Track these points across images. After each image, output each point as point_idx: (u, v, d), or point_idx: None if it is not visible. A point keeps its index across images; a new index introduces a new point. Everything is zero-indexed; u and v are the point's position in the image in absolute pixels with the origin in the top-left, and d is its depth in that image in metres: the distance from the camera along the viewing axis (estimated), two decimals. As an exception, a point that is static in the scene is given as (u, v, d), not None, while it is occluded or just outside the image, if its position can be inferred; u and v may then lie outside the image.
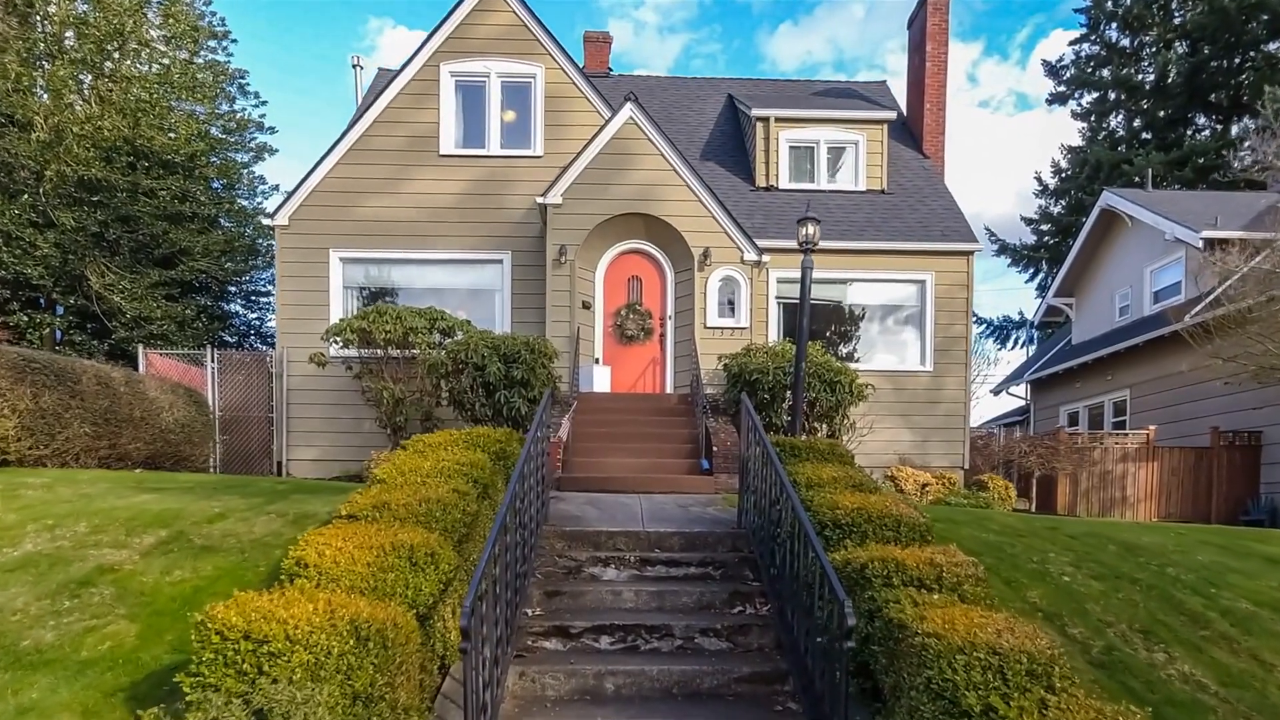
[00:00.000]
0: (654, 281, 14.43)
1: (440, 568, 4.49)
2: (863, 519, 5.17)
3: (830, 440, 7.37)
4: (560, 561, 6.76)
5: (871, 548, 4.83)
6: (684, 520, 7.96)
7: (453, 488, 5.43)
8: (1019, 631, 3.58)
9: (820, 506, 5.42)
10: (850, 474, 6.43)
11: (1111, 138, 30.68)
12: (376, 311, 12.64)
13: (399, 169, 14.67)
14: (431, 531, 4.86)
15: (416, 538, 4.52)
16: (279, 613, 3.44)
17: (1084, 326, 23.30)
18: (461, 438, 6.91)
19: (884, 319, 15.86)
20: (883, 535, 5.09)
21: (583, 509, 8.61)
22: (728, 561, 6.81)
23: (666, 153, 13.86)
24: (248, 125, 23.32)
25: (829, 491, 5.79)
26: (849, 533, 5.17)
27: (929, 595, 4.10)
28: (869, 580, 4.42)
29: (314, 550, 4.28)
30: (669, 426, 12.52)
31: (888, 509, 5.22)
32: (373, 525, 4.74)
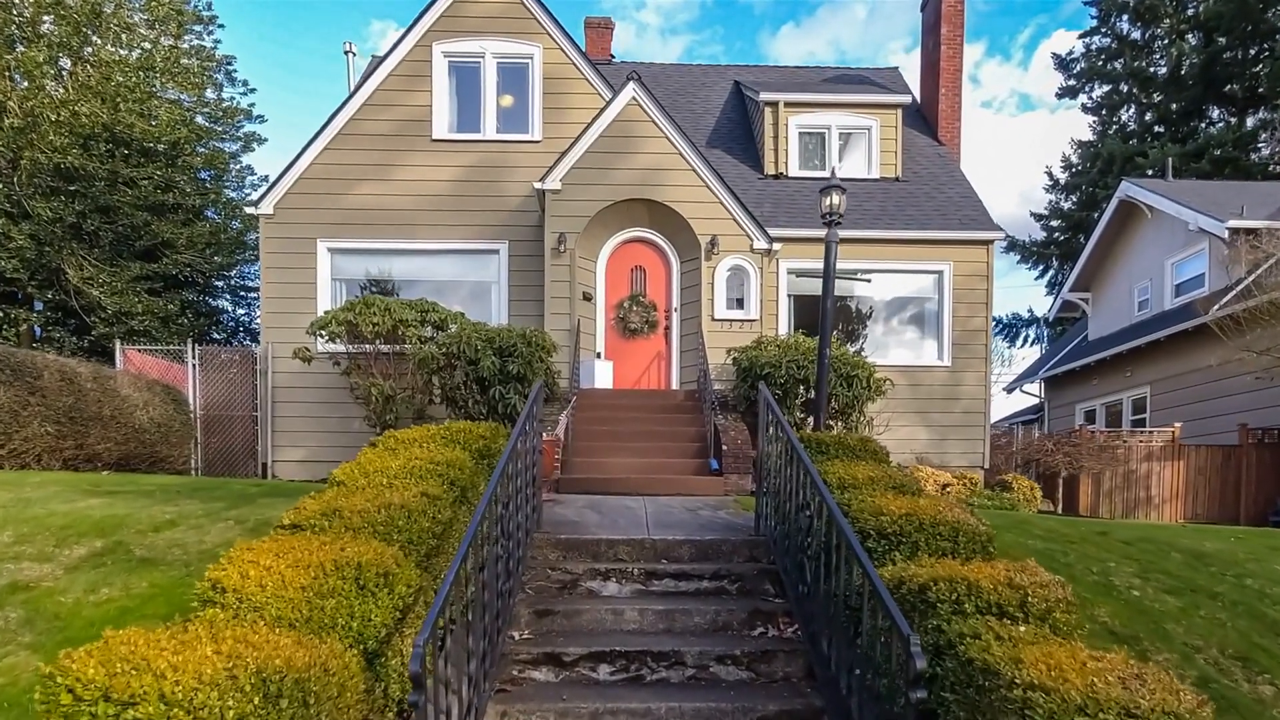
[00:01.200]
0: (658, 272, 13.49)
1: (397, 590, 3.55)
2: (913, 527, 4.22)
3: (862, 436, 6.44)
4: (554, 575, 5.82)
5: (926, 562, 3.89)
6: (693, 526, 7.02)
7: (422, 491, 4.50)
8: (1152, 681, 2.64)
9: (860, 512, 4.47)
10: (888, 473, 5.49)
11: (1123, 131, 29.69)
12: (363, 303, 11.72)
13: (390, 154, 13.75)
14: (391, 544, 3.94)
15: (368, 553, 3.58)
16: (159, 661, 2.51)
17: (1101, 322, 22.31)
18: (439, 433, 5.98)
19: (900, 312, 14.90)
20: (937, 547, 4.15)
21: (581, 513, 7.68)
22: (745, 574, 5.86)
23: (671, 135, 12.93)
24: (236, 114, 22.24)
25: (867, 494, 4.85)
26: (896, 543, 4.23)
27: (1013, 627, 3.16)
28: (932, 605, 3.47)
29: (237, 570, 3.34)
30: (675, 424, 11.60)
31: (941, 515, 4.28)
32: (318, 537, 3.80)
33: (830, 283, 7.02)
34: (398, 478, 4.83)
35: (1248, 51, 26.24)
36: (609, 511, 7.84)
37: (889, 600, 3.22)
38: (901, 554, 4.13)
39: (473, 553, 3.87)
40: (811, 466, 4.57)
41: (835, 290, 14.92)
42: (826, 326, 7.02)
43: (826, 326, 7.02)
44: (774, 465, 5.99)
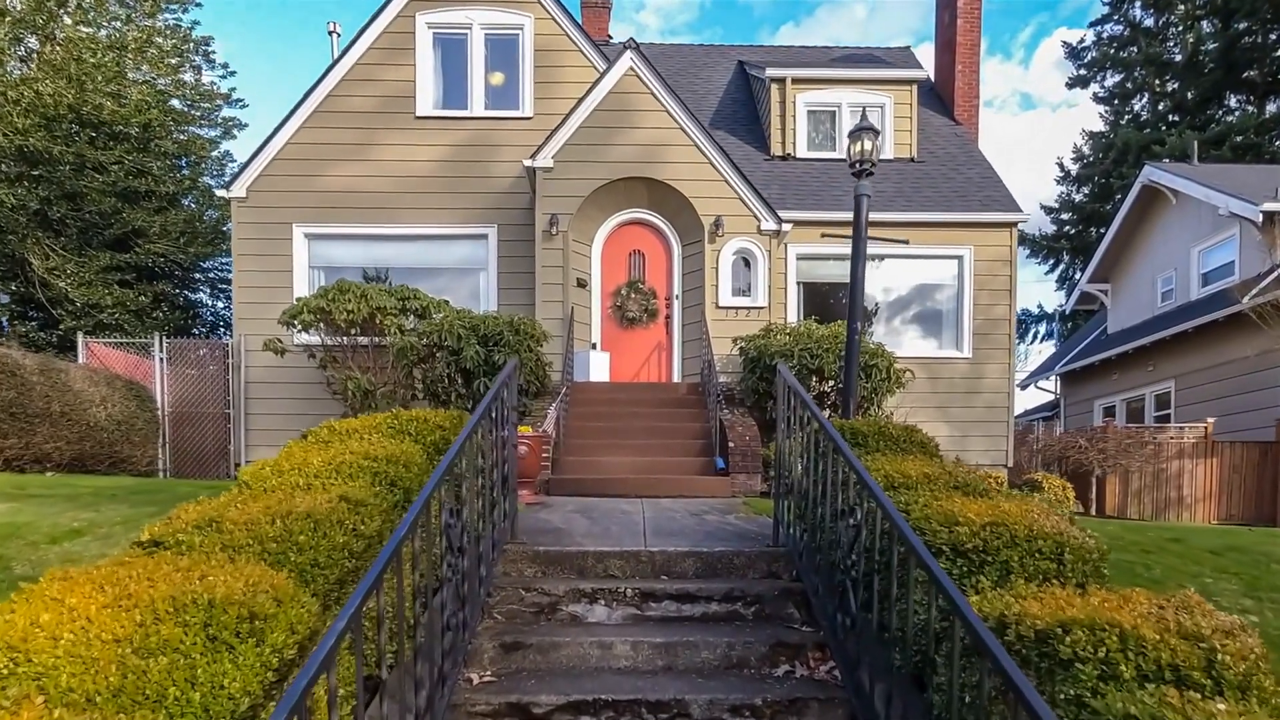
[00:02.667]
0: (659, 256, 12.34)
1: (271, 640, 2.40)
2: (1001, 541, 3.05)
3: (905, 425, 5.30)
4: (528, 596, 4.67)
5: (1026, 590, 2.74)
6: (699, 534, 5.87)
7: (341, 494, 3.36)
8: None
9: (925, 520, 3.31)
10: (946, 469, 4.34)
11: (1137, 121, 28.49)
12: (338, 289, 10.58)
13: (370, 133, 12.62)
14: (283, 569, 2.80)
15: (235, 584, 2.45)
16: None
17: (1121, 314, 21.09)
18: (386, 422, 4.84)
19: (917, 300, 13.73)
20: (1036, 568, 2.98)
21: (569, 519, 6.53)
22: (763, 595, 4.71)
23: (672, 108, 11.79)
24: (214, 97, 20.90)
25: (925, 495, 3.70)
26: (979, 564, 3.06)
27: (1208, 704, 2.02)
28: (1063, 664, 2.28)
29: (24, 617, 2.21)
30: (677, 420, 10.47)
31: (1038, 524, 3.10)
32: (177, 560, 2.67)
33: (861, 244, 5.87)
34: (319, 476, 3.70)
35: (1267, 36, 25.03)
36: (601, 516, 6.69)
37: (1004, 659, 2.08)
38: (988, 578, 2.97)
39: (392, 580, 2.74)
40: (857, 463, 3.42)
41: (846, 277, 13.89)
42: (857, 296, 5.86)
43: (857, 296, 5.86)
44: (798, 461, 4.84)
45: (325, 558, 2.98)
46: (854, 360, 5.87)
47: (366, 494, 3.46)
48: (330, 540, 3.03)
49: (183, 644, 2.21)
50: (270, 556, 2.85)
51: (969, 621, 2.31)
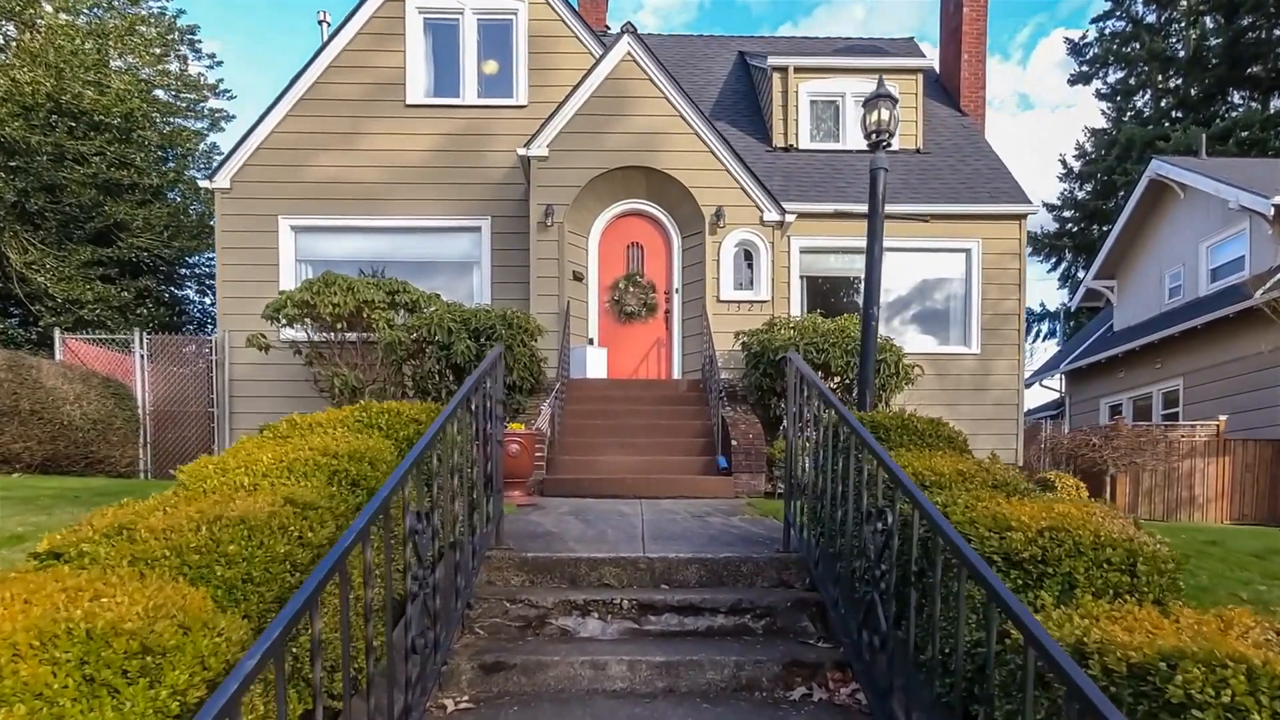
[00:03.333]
0: (658, 248, 11.84)
1: (171, 679, 1.88)
2: (1064, 550, 2.53)
3: (930, 418, 4.80)
4: (513, 609, 4.17)
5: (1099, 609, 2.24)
6: (702, 539, 5.36)
7: (287, 496, 2.86)
8: None
9: (970, 523, 2.79)
10: (982, 466, 3.83)
11: (1140, 117, 28.01)
12: (323, 282, 10.08)
13: (359, 122, 12.12)
14: (204, 586, 2.30)
15: (133, 608, 1.95)
16: None
17: (1128, 311, 20.59)
18: (354, 415, 4.33)
19: (923, 294, 13.23)
20: (1106, 581, 2.47)
21: (562, 522, 6.02)
22: (775, 606, 4.21)
23: (671, 95, 11.30)
24: (200, 88, 20.28)
25: (962, 495, 3.19)
26: (1037, 576, 2.55)
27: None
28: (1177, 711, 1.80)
29: None
30: (677, 417, 9.98)
31: (1104, 529, 2.59)
32: (69, 578, 2.16)
33: (877, 222, 5.37)
34: (268, 475, 3.20)
35: (1272, 32, 24.56)
36: (596, 519, 6.19)
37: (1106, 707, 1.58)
38: (1049, 593, 2.47)
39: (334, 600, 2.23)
40: (888, 459, 2.91)
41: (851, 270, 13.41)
42: (874, 277, 5.36)
43: (874, 277, 5.36)
44: (815, 459, 4.34)
45: (261, 571, 2.47)
46: (871, 348, 5.38)
47: (318, 495, 2.95)
48: (268, 550, 2.53)
49: (49, 689, 1.71)
50: (191, 571, 2.35)
51: (1051, 655, 1.81)
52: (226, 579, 2.40)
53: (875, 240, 5.35)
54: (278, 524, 2.63)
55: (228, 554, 2.44)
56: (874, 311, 5.30)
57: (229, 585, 2.39)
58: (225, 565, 2.41)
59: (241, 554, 2.46)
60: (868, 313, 5.32)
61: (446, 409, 3.59)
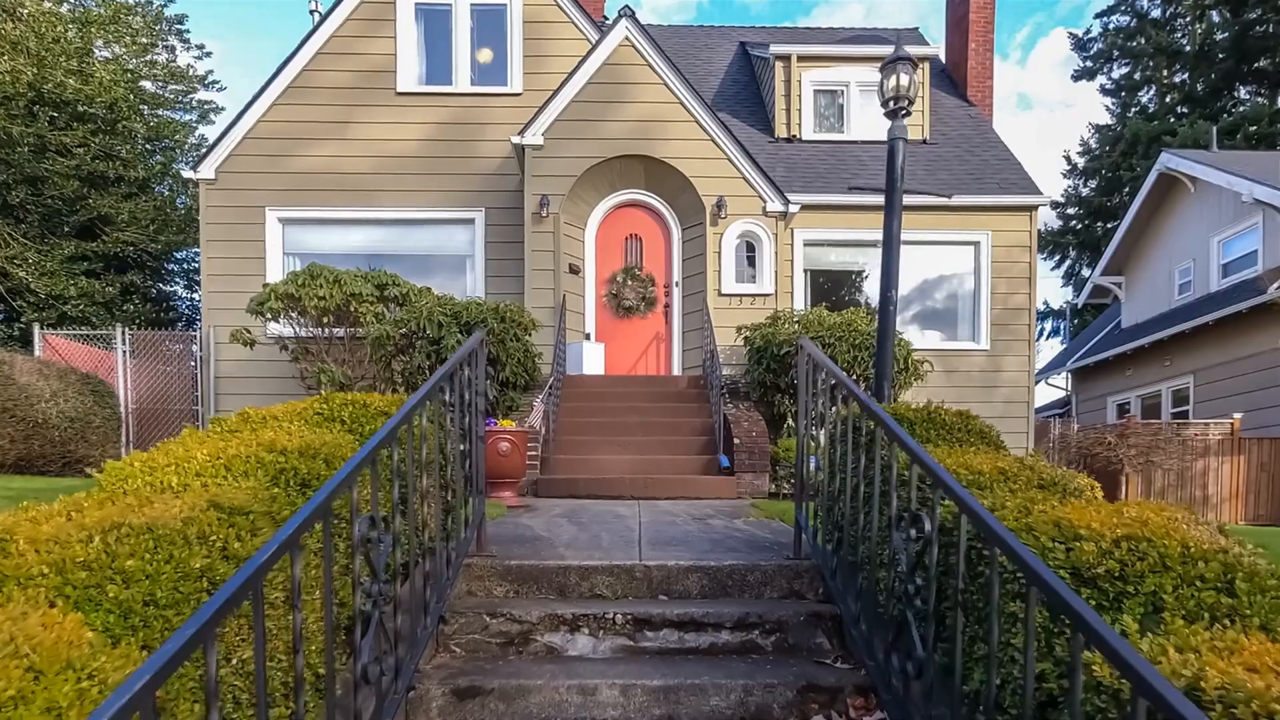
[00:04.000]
0: (657, 240, 11.37)
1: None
2: (1147, 564, 2.01)
3: (958, 410, 4.33)
4: (494, 623, 3.70)
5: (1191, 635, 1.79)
6: (704, 543, 4.89)
7: (212, 499, 2.39)
8: None
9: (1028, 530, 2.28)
10: (1025, 464, 3.35)
11: (1145, 113, 27.54)
12: (309, 274, 9.64)
13: (349, 110, 11.66)
14: (92, 611, 1.85)
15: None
16: None
17: (1136, 307, 20.10)
18: (314, 406, 3.87)
19: (931, 289, 12.77)
20: (1198, 601, 1.96)
21: (553, 525, 5.56)
22: (786, 620, 3.74)
23: (671, 81, 10.84)
24: (188, 78, 19.70)
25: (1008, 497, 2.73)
26: (1115, 596, 2.04)
27: None
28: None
29: None
30: (677, 415, 9.52)
31: (1191, 539, 2.13)
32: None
33: (896, 197, 4.91)
34: (201, 474, 2.74)
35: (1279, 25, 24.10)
36: (591, 521, 5.72)
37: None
38: (1130, 616, 2.01)
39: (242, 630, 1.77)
40: (926, 456, 2.46)
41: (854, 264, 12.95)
42: (892, 257, 4.89)
43: (892, 257, 4.89)
44: (832, 455, 3.88)
45: (169, 591, 2.01)
46: (889, 335, 4.92)
47: (252, 498, 2.49)
48: (179, 565, 2.07)
49: None
50: (77, 591, 1.89)
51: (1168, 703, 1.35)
52: (122, 601, 1.93)
53: (893, 216, 4.89)
54: (195, 533, 2.17)
55: (125, 570, 1.97)
56: (892, 295, 4.84)
57: (125, 609, 1.93)
58: (121, 584, 1.95)
59: (144, 570, 2.00)
60: (885, 296, 4.86)
61: (413, 397, 3.13)
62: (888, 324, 4.85)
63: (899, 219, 4.93)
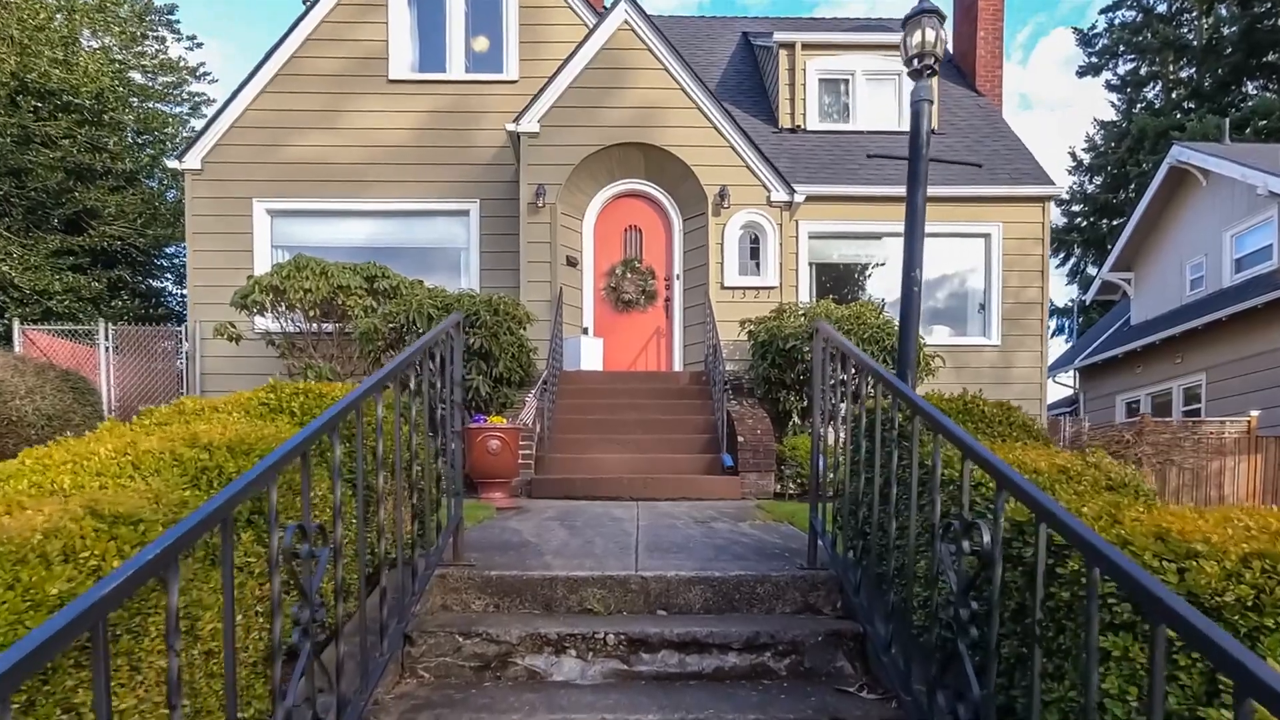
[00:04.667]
0: (657, 232, 10.88)
1: None
2: None
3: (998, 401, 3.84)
4: (469, 644, 3.21)
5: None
6: (707, 550, 4.39)
7: (88, 504, 1.90)
8: None
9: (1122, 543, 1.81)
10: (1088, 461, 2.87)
11: (1151, 108, 27.00)
12: (294, 265, 9.16)
13: (339, 98, 11.18)
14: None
15: None
16: None
17: (1146, 304, 19.57)
18: (259, 397, 3.40)
19: (940, 282, 12.26)
20: None
21: (544, 530, 5.07)
22: (801, 640, 3.24)
23: (672, 66, 10.35)
24: (178, 69, 19.12)
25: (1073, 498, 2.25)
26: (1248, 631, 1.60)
27: None
28: None
29: None
30: (678, 412, 9.04)
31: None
32: None
33: (920, 165, 4.40)
34: (104, 474, 2.25)
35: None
36: (585, 525, 5.23)
37: None
38: (1274, 658, 1.53)
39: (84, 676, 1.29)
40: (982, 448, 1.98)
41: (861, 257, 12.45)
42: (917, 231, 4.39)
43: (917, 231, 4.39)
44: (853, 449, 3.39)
45: (7, 627, 1.53)
46: (913, 320, 4.42)
47: (147, 504, 1.99)
48: (31, 591, 1.58)
49: None
50: None
51: None
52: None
53: (918, 187, 4.39)
54: (59, 548, 1.69)
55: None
56: (916, 275, 4.34)
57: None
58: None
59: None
60: (909, 277, 4.36)
61: (367, 381, 2.65)
62: (911, 308, 4.35)
63: (924, 191, 4.43)
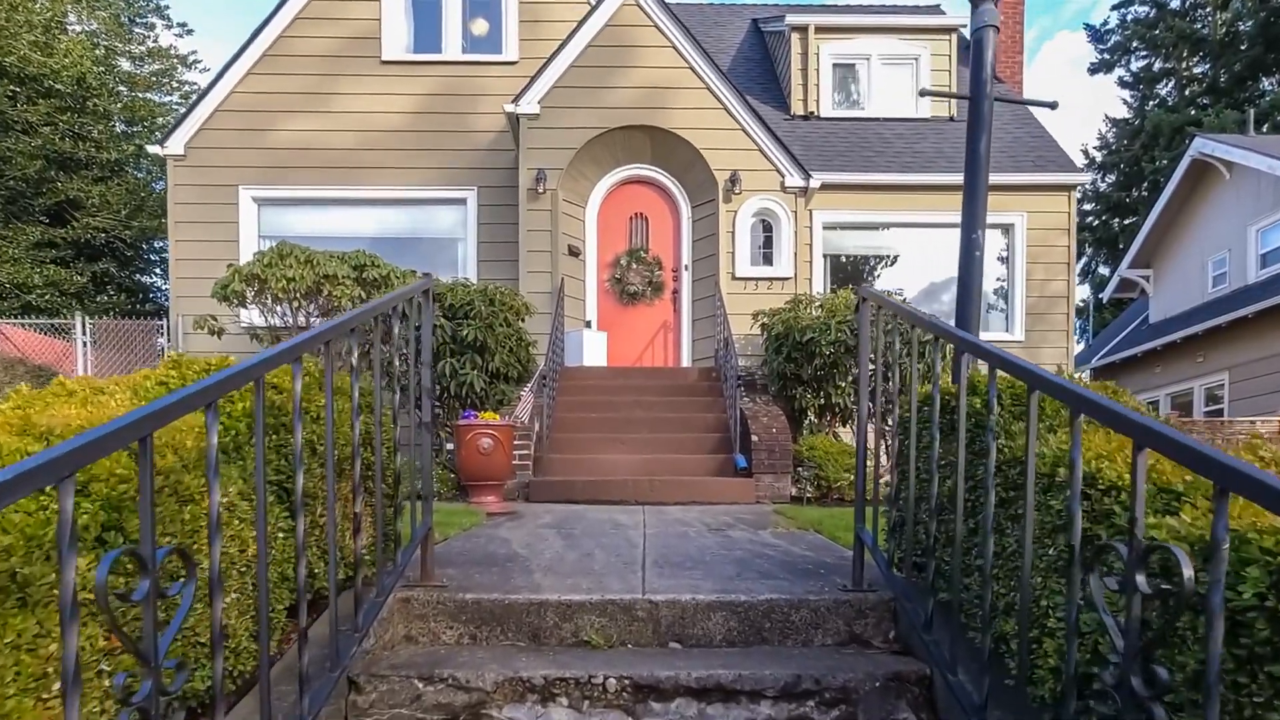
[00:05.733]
0: (664, 220, 10.19)
1: None
2: None
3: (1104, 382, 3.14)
4: (430, 692, 2.50)
5: None
6: (726, 565, 3.67)
7: None
8: None
9: None
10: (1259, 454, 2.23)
11: (1164, 105, 26.24)
12: (277, 253, 8.46)
13: (329, 80, 10.51)
14: None
15: None
16: None
17: (1165, 301, 18.80)
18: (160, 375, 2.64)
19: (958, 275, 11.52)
20: None
21: (537, 540, 4.36)
22: (854, 687, 2.53)
23: (681, 44, 9.67)
24: (168, 57, 18.44)
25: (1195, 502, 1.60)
26: None
27: None
28: None
29: None
30: (687, 410, 8.35)
31: None
32: None
33: (985, 105, 3.66)
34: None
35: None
36: (584, 533, 4.53)
37: None
38: None
39: None
40: (1179, 435, 1.30)
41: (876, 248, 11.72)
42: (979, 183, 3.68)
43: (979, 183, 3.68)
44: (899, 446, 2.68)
45: None
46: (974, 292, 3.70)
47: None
48: None
49: None
50: None
51: None
52: None
53: (981, 131, 3.67)
54: None
55: None
56: (978, 237, 3.62)
57: None
58: None
59: None
60: (969, 240, 3.65)
61: (285, 344, 1.96)
62: (972, 276, 3.64)
63: (988, 135, 3.73)
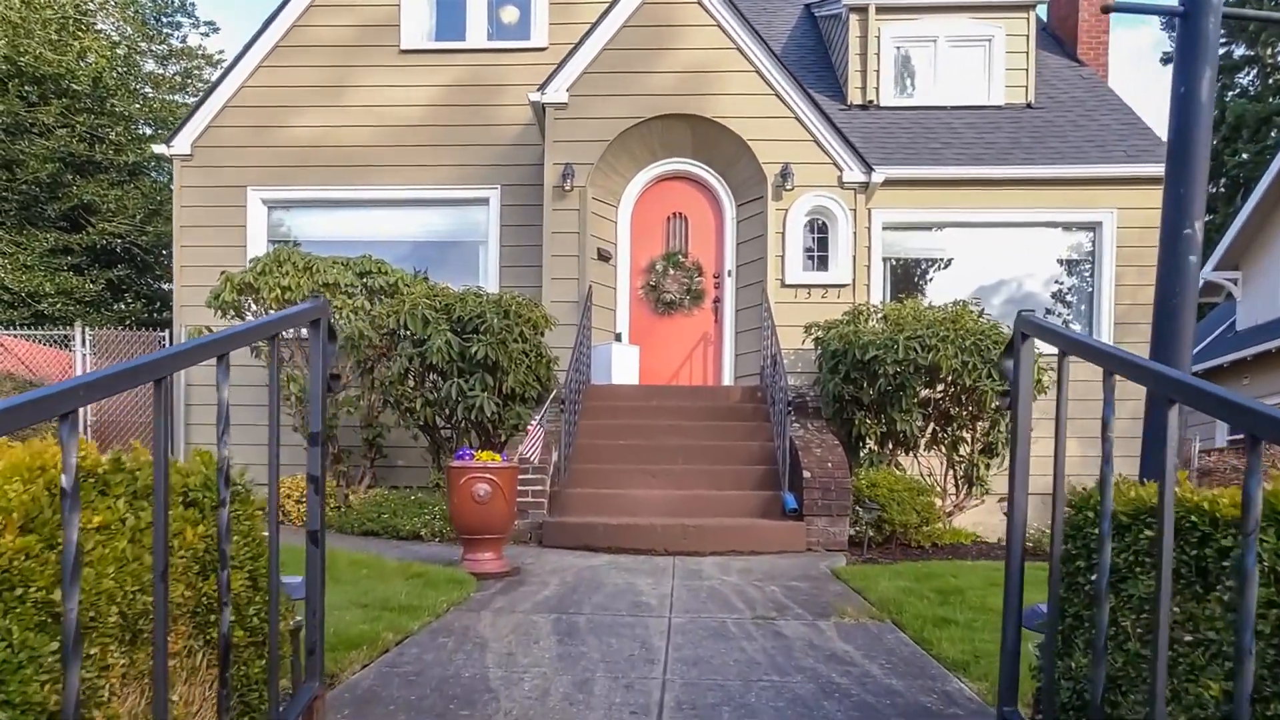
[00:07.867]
0: (706, 220, 8.96)
1: None
2: None
3: None
4: None
5: None
6: (781, 702, 2.44)
7: None
8: None
9: None
10: None
11: (1246, 94, 24.03)
12: (273, 259, 7.51)
13: (344, 72, 9.53)
14: None
15: None
16: None
17: (1256, 307, 16.86)
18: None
19: (1034, 279, 10.06)
20: None
21: (517, 648, 3.18)
22: None
23: (727, 21, 8.44)
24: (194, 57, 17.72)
25: None
26: None
27: None
28: None
29: None
30: (728, 436, 7.13)
31: None
32: None
33: (1204, 21, 2.30)
34: None
35: None
36: (589, 629, 3.34)
37: None
38: None
39: None
40: None
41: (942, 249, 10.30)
42: (1198, 144, 2.40)
43: (1198, 144, 2.40)
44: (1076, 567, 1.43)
45: None
46: (1189, 300, 2.42)
47: None
48: None
49: None
50: None
51: None
52: None
53: (1204, 68, 2.32)
54: None
55: None
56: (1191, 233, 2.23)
57: None
58: None
59: None
60: (1175, 236, 2.31)
61: None
62: (1187, 281, 2.38)
63: (1212, 75, 2.39)
